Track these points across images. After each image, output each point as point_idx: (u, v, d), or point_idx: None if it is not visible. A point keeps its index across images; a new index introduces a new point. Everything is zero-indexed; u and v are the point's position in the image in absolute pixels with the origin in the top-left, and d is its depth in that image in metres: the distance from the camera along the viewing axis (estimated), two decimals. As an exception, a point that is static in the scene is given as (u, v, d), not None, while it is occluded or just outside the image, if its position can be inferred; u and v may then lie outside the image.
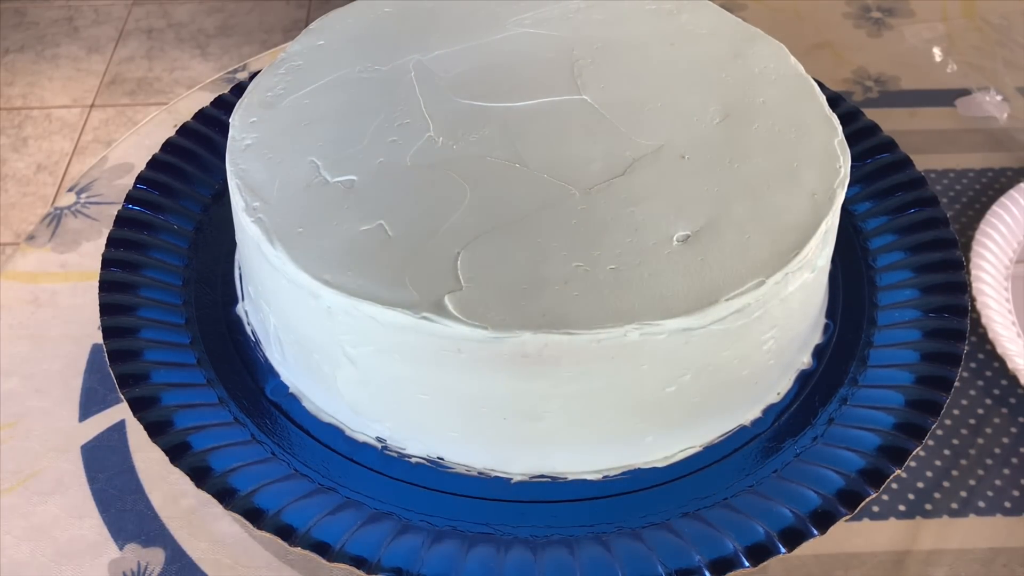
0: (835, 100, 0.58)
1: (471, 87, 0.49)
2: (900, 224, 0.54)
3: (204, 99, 0.62)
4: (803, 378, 0.49)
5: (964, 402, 0.52)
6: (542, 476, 0.45)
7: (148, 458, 0.49)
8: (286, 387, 0.48)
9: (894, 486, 0.49)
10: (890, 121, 0.59)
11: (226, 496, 0.42)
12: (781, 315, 0.43)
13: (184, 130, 0.58)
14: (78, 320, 0.56)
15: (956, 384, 0.46)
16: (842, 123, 0.49)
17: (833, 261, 0.48)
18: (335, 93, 0.49)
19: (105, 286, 0.50)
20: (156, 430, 0.44)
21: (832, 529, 0.42)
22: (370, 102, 0.49)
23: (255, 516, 0.42)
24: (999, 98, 0.71)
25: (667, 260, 0.42)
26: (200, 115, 0.59)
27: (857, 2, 0.81)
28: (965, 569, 0.46)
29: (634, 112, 0.48)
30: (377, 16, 0.54)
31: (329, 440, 0.46)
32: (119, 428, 0.51)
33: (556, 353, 0.39)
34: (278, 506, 0.42)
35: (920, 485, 0.49)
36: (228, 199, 0.47)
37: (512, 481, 0.44)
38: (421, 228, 0.43)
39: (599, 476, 0.45)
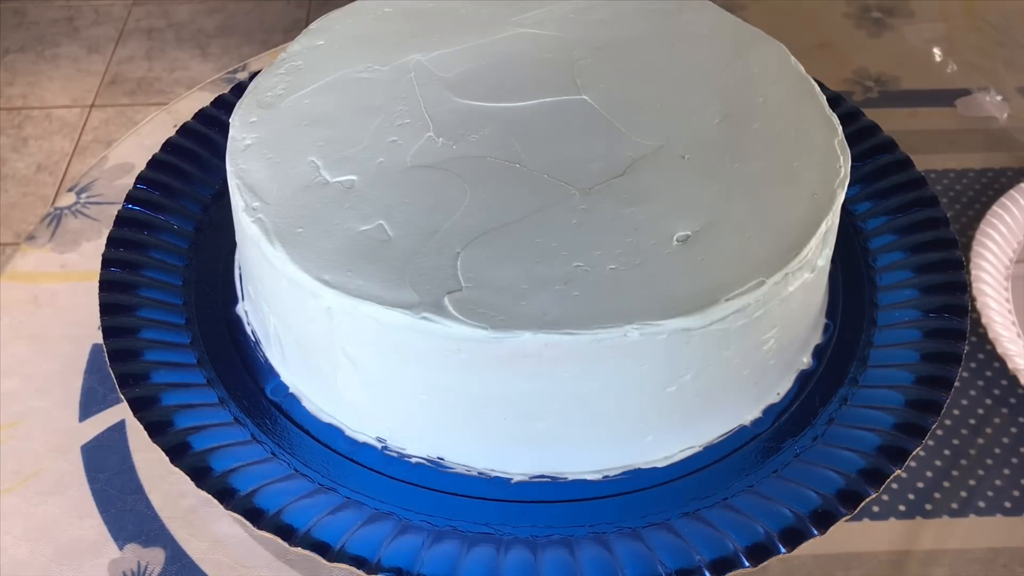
0: (835, 100, 0.58)
1: (471, 87, 0.49)
2: (900, 224, 0.54)
3: (204, 99, 0.62)
4: (803, 378, 0.49)
5: (964, 402, 0.52)
6: (542, 476, 0.45)
7: (148, 458, 0.49)
8: (286, 387, 0.48)
9: (894, 486, 0.49)
10: (890, 121, 0.59)
11: (226, 496, 0.42)
12: (781, 315, 0.43)
13: (184, 130, 0.58)
14: (78, 320, 0.56)
15: (956, 384, 0.46)
16: (842, 123, 0.49)
17: (833, 261, 0.48)
18: (335, 93, 0.49)
19: (105, 286, 0.50)
20: (156, 430, 0.44)
21: (832, 529, 0.42)
22: (370, 102, 0.49)
23: (255, 516, 0.42)
24: (999, 98, 0.71)
25: (667, 260, 0.42)
26: (200, 115, 0.59)
27: (857, 2, 0.81)
28: (965, 569, 0.46)
29: (634, 112, 0.48)
30: (377, 16, 0.54)
31: (329, 440, 0.46)
32: (119, 428, 0.51)
33: (556, 353, 0.39)
34: (278, 506, 0.42)
35: (920, 485, 0.49)
36: (228, 199, 0.47)
37: (512, 481, 0.44)
38: (421, 228, 0.43)
39: (599, 476, 0.45)
